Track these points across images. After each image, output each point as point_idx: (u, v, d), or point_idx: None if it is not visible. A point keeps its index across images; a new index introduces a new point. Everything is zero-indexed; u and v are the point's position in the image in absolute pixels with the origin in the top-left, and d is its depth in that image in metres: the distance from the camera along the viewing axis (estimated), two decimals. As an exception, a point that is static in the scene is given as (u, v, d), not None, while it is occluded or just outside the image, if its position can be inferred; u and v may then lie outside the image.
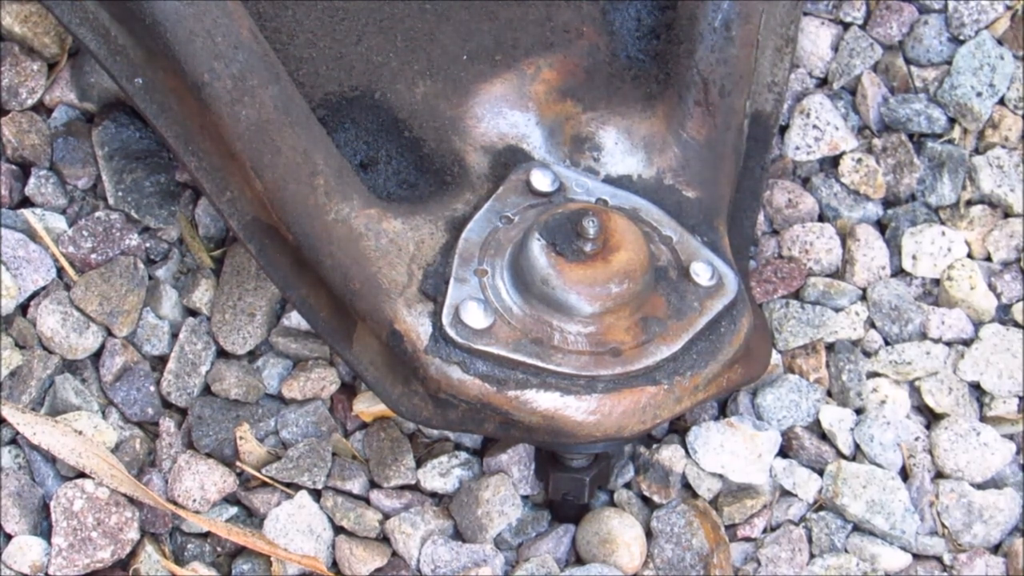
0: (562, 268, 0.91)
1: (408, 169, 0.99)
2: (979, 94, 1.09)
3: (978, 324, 1.06)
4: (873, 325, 1.06)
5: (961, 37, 1.10)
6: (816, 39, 1.11)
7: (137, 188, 1.05)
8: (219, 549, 1.00)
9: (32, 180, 1.05)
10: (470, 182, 0.97)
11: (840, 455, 1.02)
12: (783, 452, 1.02)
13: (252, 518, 1.01)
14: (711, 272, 0.94)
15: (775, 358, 1.04)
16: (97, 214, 1.04)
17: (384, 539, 1.00)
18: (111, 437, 1.00)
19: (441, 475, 1.01)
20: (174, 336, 1.04)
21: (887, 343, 1.05)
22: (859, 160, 1.08)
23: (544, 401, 0.91)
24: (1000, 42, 1.11)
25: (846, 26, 1.12)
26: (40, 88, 1.06)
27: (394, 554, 1.00)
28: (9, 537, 0.98)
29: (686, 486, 1.02)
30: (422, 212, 0.95)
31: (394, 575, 0.99)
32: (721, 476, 1.01)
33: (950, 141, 1.10)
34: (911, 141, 1.10)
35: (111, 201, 1.05)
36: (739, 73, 0.99)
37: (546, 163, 0.98)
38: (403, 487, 1.01)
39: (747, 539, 1.01)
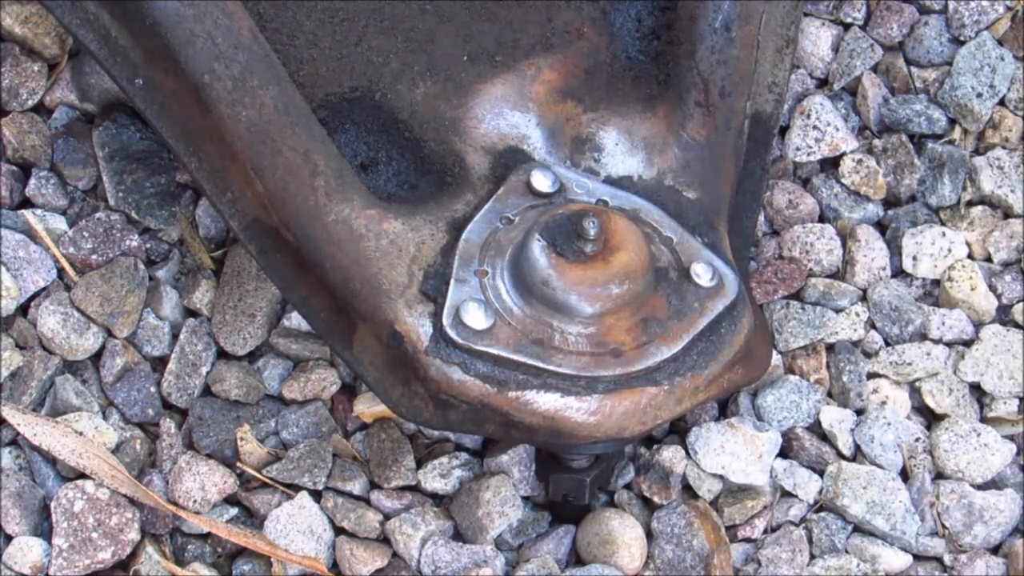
0: (562, 269, 0.91)
1: (408, 170, 0.99)
2: (979, 95, 1.09)
3: (978, 325, 1.06)
4: (873, 326, 1.06)
5: (961, 38, 1.10)
6: (816, 40, 1.11)
7: (138, 189, 1.05)
8: (219, 550, 1.01)
9: (32, 181, 1.05)
10: (470, 183, 0.97)
11: (840, 456, 1.02)
12: (783, 453, 1.02)
13: (252, 519, 1.01)
14: (711, 273, 0.94)
15: (775, 359, 1.04)
16: (97, 215, 1.04)
17: (384, 540, 1.00)
18: (111, 438, 1.00)
19: (441, 476, 1.01)
20: (174, 337, 1.04)
21: (887, 344, 1.05)
22: (859, 161, 1.08)
23: (544, 402, 0.91)
24: (1000, 43, 1.11)
25: (846, 27, 1.12)
26: (40, 89, 1.06)
27: (394, 555, 1.00)
28: (10, 538, 0.98)
29: (686, 487, 1.02)
30: (422, 213, 0.95)
31: (394, 576, 0.99)
32: (721, 477, 1.01)
33: (950, 142, 1.10)
34: (911, 142, 1.10)
35: (111, 202, 1.05)
36: (739, 74, 0.99)
37: (546, 164, 0.98)
38: (403, 488, 1.01)
39: (747, 540, 1.01)
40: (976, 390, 1.05)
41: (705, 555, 0.99)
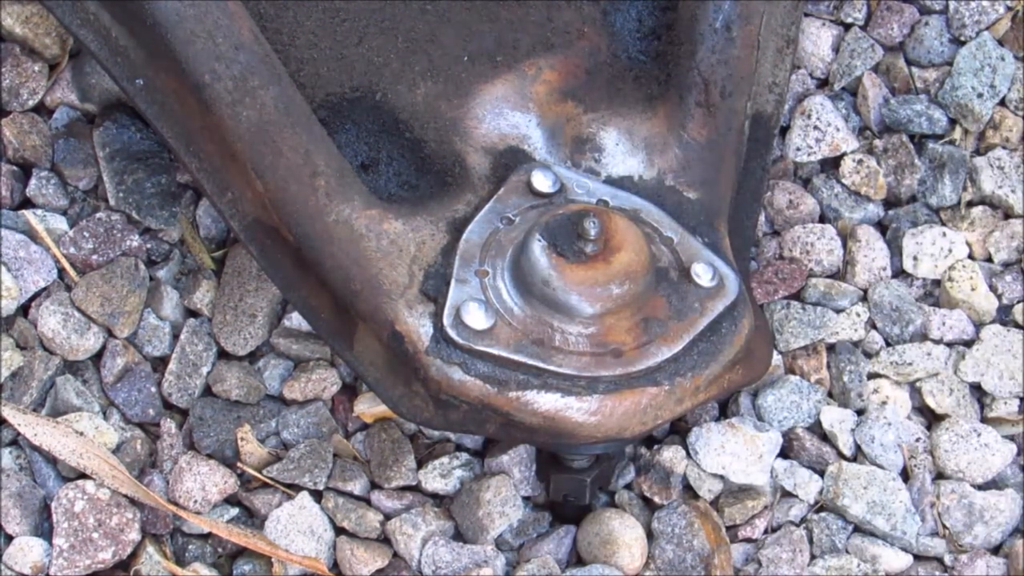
0: (563, 269, 0.91)
1: (409, 170, 0.99)
2: (980, 95, 1.09)
3: (979, 325, 1.06)
4: (874, 326, 1.06)
5: (962, 38, 1.10)
6: (817, 40, 1.11)
7: (138, 189, 1.05)
8: (220, 550, 1.01)
9: (33, 181, 1.05)
10: (471, 183, 0.97)
11: (841, 456, 1.02)
12: (784, 453, 1.02)
13: (253, 519, 1.01)
14: (712, 273, 0.94)
15: (776, 359, 1.04)
16: (98, 215, 1.04)
17: (385, 540, 1.00)
18: (112, 438, 1.00)
19: (442, 476, 1.01)
20: (175, 337, 1.04)
21: (888, 344, 1.05)
22: (860, 161, 1.09)
23: (545, 402, 0.91)
24: (1001, 43, 1.11)
25: (847, 27, 1.12)
26: (41, 89, 1.06)
27: (395, 555, 1.00)
28: (10, 538, 0.98)
29: (687, 487, 1.02)
30: (423, 213, 0.95)
31: (395, 576, 0.99)
32: (722, 477, 1.01)
33: (951, 142, 1.10)
34: (912, 142, 1.10)
35: (112, 202, 1.05)
36: (740, 74, 0.99)
37: (547, 164, 0.98)
38: (404, 488, 1.01)
39: (748, 540, 1.01)
40: (976, 390, 1.05)
41: (706, 555, 0.99)
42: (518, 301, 0.92)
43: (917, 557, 1.01)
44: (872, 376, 1.05)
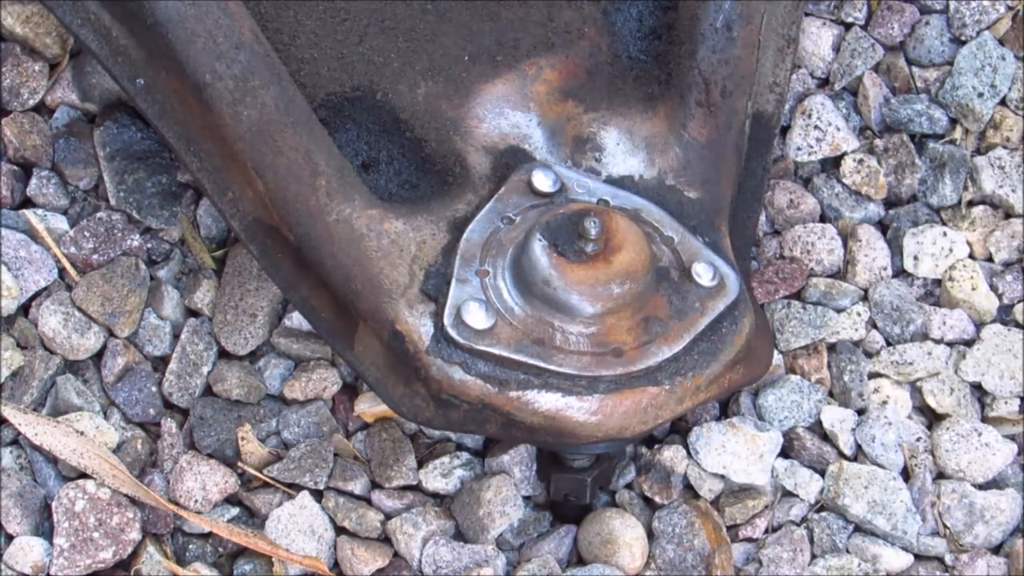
0: (563, 268, 0.91)
1: (409, 170, 0.99)
2: (980, 95, 1.09)
3: (979, 325, 1.06)
4: (874, 326, 1.06)
5: (963, 37, 1.10)
6: (817, 40, 1.11)
7: (139, 189, 1.05)
8: (220, 550, 1.01)
9: (33, 181, 1.05)
10: (471, 183, 0.97)
11: (841, 455, 1.02)
12: (784, 453, 1.02)
13: (253, 519, 1.01)
14: (712, 273, 0.94)
15: (776, 359, 1.04)
16: (99, 215, 1.04)
17: (385, 540, 1.00)
18: (112, 438, 1.00)
19: (443, 475, 1.01)
20: (176, 337, 1.04)
21: (888, 344, 1.05)
22: (860, 161, 1.08)
23: (545, 402, 0.91)
24: (1001, 43, 1.11)
25: (847, 26, 1.12)
26: (41, 89, 1.06)
27: (395, 555, 1.00)
28: (11, 538, 0.98)
29: (687, 487, 1.02)
30: (423, 213, 0.95)
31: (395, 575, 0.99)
32: (723, 476, 1.01)
33: (951, 142, 1.10)
34: (912, 142, 1.10)
35: (112, 202, 1.05)
36: (741, 74, 0.99)
37: (548, 164, 0.98)
38: (405, 488, 1.01)
39: (749, 539, 1.01)
40: (977, 390, 1.05)
41: (706, 555, 0.99)
42: (519, 301, 0.92)
43: (918, 557, 1.01)
44: (873, 376, 1.05)
